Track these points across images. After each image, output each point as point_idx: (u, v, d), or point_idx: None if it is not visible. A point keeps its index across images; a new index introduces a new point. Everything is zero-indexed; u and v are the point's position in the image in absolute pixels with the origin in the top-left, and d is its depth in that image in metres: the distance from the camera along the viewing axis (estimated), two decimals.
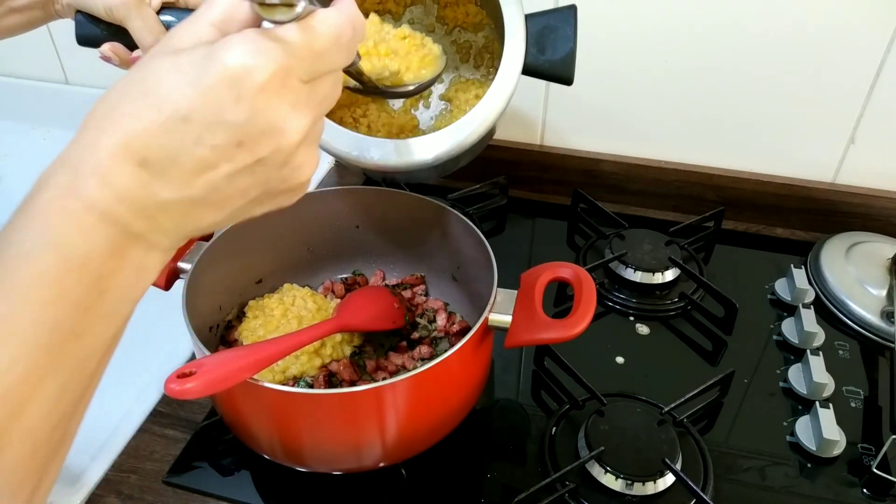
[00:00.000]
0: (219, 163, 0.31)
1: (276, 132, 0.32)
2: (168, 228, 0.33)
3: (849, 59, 0.80)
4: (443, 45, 0.68)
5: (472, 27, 0.68)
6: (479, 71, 0.69)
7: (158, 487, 0.59)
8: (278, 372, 0.63)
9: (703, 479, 0.59)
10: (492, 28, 0.68)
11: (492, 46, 0.68)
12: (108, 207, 0.30)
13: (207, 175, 0.31)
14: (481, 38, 0.69)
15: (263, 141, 0.31)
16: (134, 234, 0.32)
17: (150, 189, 0.31)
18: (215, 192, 0.32)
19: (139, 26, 0.56)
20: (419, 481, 0.60)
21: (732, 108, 0.87)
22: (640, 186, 0.94)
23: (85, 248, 0.30)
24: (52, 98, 1.10)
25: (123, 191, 0.30)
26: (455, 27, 0.69)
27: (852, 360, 0.72)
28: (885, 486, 0.60)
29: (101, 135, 0.31)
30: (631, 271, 0.79)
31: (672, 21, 0.82)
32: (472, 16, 0.68)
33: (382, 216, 0.73)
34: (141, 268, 0.33)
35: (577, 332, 0.52)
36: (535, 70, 0.58)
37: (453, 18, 0.68)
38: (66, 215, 0.30)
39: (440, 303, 0.73)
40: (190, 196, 0.32)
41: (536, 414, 0.66)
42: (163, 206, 0.32)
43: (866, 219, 0.88)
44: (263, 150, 0.32)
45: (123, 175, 0.30)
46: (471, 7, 0.67)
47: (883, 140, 0.84)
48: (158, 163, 0.31)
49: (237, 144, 0.31)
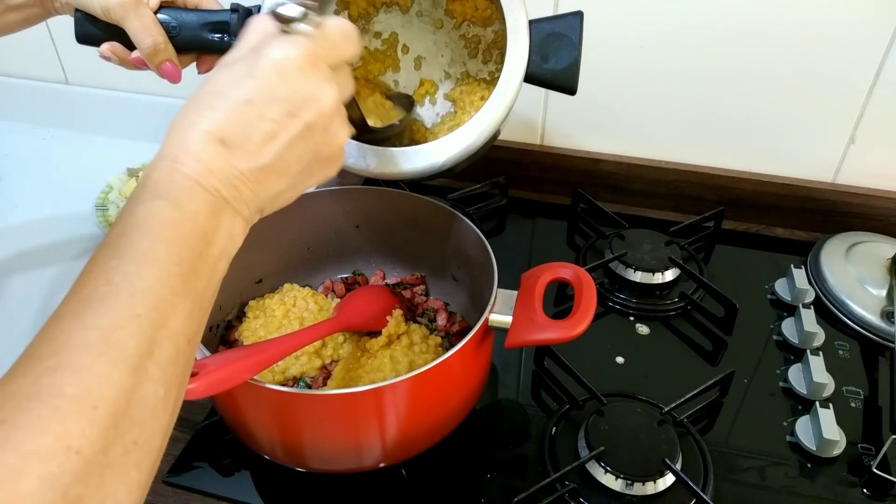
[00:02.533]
0: (278, 132, 0.40)
1: (316, 99, 0.41)
2: (247, 197, 0.40)
3: (849, 58, 0.80)
4: (451, 38, 0.68)
5: (482, 21, 0.68)
6: (488, 67, 0.68)
7: (158, 487, 0.59)
8: (278, 372, 0.63)
9: (703, 479, 0.59)
10: (501, 23, 0.67)
11: (500, 42, 0.67)
12: (204, 178, 0.38)
13: (271, 144, 0.40)
14: (490, 32, 0.68)
15: (308, 108, 0.41)
16: (225, 199, 0.39)
17: (231, 161, 0.39)
18: (279, 159, 0.41)
19: (136, 27, 0.56)
20: (419, 481, 0.60)
21: (732, 108, 0.87)
22: (640, 186, 0.94)
23: (192, 207, 0.37)
24: (52, 98, 1.10)
25: (213, 165, 0.38)
26: (464, 21, 0.68)
27: (852, 360, 0.72)
28: (885, 486, 0.60)
29: (188, 129, 0.39)
30: (631, 271, 0.79)
31: (672, 21, 0.82)
32: (480, 10, 0.67)
33: (382, 216, 0.73)
34: (230, 231, 0.40)
35: (577, 332, 0.52)
36: (537, 79, 0.57)
37: (461, 13, 0.67)
38: (175, 184, 0.37)
39: (440, 303, 0.73)
40: (260, 165, 0.40)
41: (536, 414, 0.66)
42: (242, 175, 0.39)
43: (866, 219, 0.88)
44: (309, 116, 0.41)
45: (211, 153, 0.38)
46: (480, 2, 0.66)
47: (883, 140, 0.84)
48: (235, 139, 0.39)
49: (289, 114, 0.40)
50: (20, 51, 1.09)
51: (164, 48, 0.57)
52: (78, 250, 0.85)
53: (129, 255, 0.34)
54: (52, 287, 0.79)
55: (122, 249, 0.35)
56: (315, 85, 0.41)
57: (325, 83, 0.42)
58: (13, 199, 0.96)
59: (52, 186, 0.98)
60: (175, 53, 0.58)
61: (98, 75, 1.07)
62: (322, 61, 0.42)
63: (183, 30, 0.58)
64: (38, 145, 1.08)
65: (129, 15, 0.55)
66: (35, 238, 0.87)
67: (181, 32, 0.58)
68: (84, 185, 0.93)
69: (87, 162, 1.03)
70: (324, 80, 0.42)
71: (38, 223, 0.90)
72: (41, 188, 0.98)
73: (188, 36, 0.58)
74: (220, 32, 0.58)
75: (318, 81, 0.41)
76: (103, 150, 1.06)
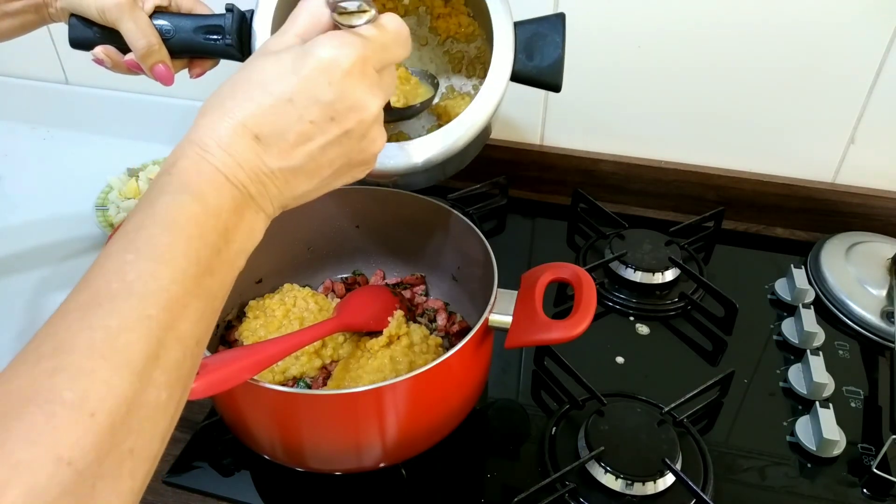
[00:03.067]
0: (315, 135, 0.39)
1: (359, 108, 0.40)
2: (273, 194, 0.39)
3: (849, 58, 0.80)
4: (435, 55, 0.70)
5: (465, 38, 0.69)
6: (472, 81, 0.70)
7: (158, 487, 0.59)
8: (278, 372, 0.63)
9: (703, 479, 0.59)
10: (484, 39, 0.69)
11: (483, 57, 0.69)
12: (232, 172, 0.37)
13: (306, 146, 0.39)
14: (473, 48, 0.70)
15: (350, 115, 0.40)
16: (250, 195, 0.38)
17: (262, 158, 0.38)
18: (311, 161, 0.40)
19: (131, 28, 0.57)
20: (419, 481, 0.60)
21: (732, 108, 0.87)
22: (639, 186, 0.94)
23: (217, 202, 0.36)
24: (52, 98, 1.10)
25: (242, 160, 0.37)
26: (447, 38, 0.70)
27: (852, 360, 0.72)
28: (885, 486, 0.60)
29: (223, 117, 0.38)
30: (631, 271, 0.79)
31: (672, 21, 0.82)
32: (464, 27, 0.69)
33: (383, 216, 0.73)
34: (251, 227, 0.39)
35: (577, 332, 0.52)
36: (523, 76, 0.59)
37: (445, 29, 0.69)
38: (202, 176, 0.36)
39: (440, 303, 0.73)
40: (291, 165, 0.39)
41: (536, 414, 0.66)
42: (271, 173, 0.39)
43: (866, 219, 0.88)
44: (350, 123, 0.40)
45: (242, 147, 0.37)
46: (463, 18, 0.68)
47: (883, 140, 0.84)
48: (269, 137, 0.38)
49: (330, 119, 0.39)
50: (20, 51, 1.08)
51: (157, 49, 0.58)
52: (78, 250, 0.85)
53: (146, 252, 0.33)
54: (51, 287, 0.80)
55: (140, 244, 0.34)
56: (361, 92, 0.40)
57: (370, 91, 0.40)
58: (13, 199, 0.96)
59: (52, 186, 0.98)
60: (168, 56, 0.59)
61: (98, 75, 1.06)
62: (371, 66, 0.40)
63: (177, 33, 0.59)
64: (38, 145, 1.08)
65: (124, 16, 0.56)
66: (35, 238, 0.87)
67: (175, 35, 0.59)
68: (84, 185, 0.93)
69: (87, 162, 1.03)
70: (369, 87, 0.40)
71: (38, 223, 0.90)
72: (41, 188, 0.98)
73: (182, 39, 0.59)
74: (216, 34, 0.59)
75: (364, 89, 0.40)
76: (103, 150, 1.06)
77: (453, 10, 0.69)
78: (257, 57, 0.40)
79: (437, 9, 0.69)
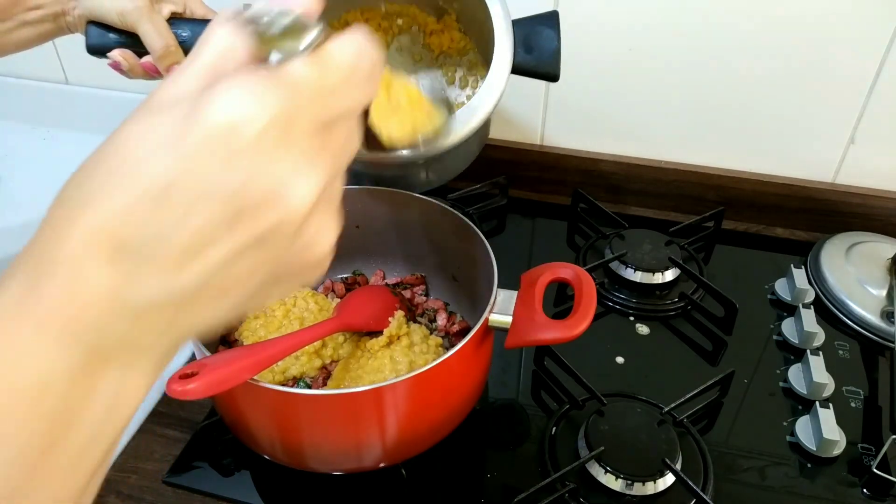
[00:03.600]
0: (212, 243, 0.25)
1: (278, 199, 0.25)
2: (158, 331, 0.27)
3: (849, 58, 0.80)
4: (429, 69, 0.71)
5: (458, 52, 0.70)
6: (465, 91, 0.71)
7: (158, 487, 0.59)
8: (278, 372, 0.63)
9: (703, 479, 0.59)
10: (475, 52, 0.70)
11: (475, 69, 0.70)
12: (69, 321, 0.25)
13: (201, 258, 0.25)
14: (465, 61, 0.71)
15: (264, 211, 0.25)
16: (104, 353, 0.26)
17: (130, 282, 0.25)
18: (214, 278, 0.26)
19: (149, 30, 0.58)
20: (419, 481, 0.60)
21: (732, 108, 0.87)
22: (639, 186, 0.94)
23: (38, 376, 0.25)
24: (52, 98, 1.10)
25: (95, 291, 0.25)
26: (440, 53, 0.71)
27: (852, 360, 0.72)
28: (885, 486, 0.60)
29: (71, 217, 0.25)
30: (631, 271, 0.79)
31: (672, 21, 0.82)
32: (456, 41, 0.70)
33: (382, 216, 0.73)
34: (116, 392, 0.27)
35: (577, 332, 0.52)
36: (523, 68, 0.61)
37: (439, 45, 0.70)
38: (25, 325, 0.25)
39: (440, 303, 0.73)
40: (180, 289, 0.25)
41: (536, 414, 0.66)
42: (147, 305, 0.26)
43: (866, 219, 0.88)
44: (265, 223, 0.26)
45: (94, 269, 0.25)
46: (455, 34, 0.69)
47: (883, 140, 0.84)
48: (140, 248, 0.25)
49: (233, 218, 0.25)
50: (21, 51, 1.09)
51: (174, 51, 0.59)
52: None
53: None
54: None
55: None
56: (279, 177, 0.25)
57: (296, 171, 0.26)
58: (14, 199, 0.96)
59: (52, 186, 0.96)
60: (184, 58, 0.59)
61: (98, 76, 1.07)
62: (303, 125, 0.26)
63: (194, 37, 0.60)
64: (38, 145, 1.09)
65: (143, 19, 0.58)
66: None
67: (191, 39, 0.60)
68: None
69: None
70: (295, 165, 0.25)
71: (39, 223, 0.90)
72: (41, 188, 0.97)
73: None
74: None
75: (286, 169, 0.25)
76: None
77: (446, 27, 0.70)
78: (133, 116, 0.27)
79: (430, 26, 0.70)
